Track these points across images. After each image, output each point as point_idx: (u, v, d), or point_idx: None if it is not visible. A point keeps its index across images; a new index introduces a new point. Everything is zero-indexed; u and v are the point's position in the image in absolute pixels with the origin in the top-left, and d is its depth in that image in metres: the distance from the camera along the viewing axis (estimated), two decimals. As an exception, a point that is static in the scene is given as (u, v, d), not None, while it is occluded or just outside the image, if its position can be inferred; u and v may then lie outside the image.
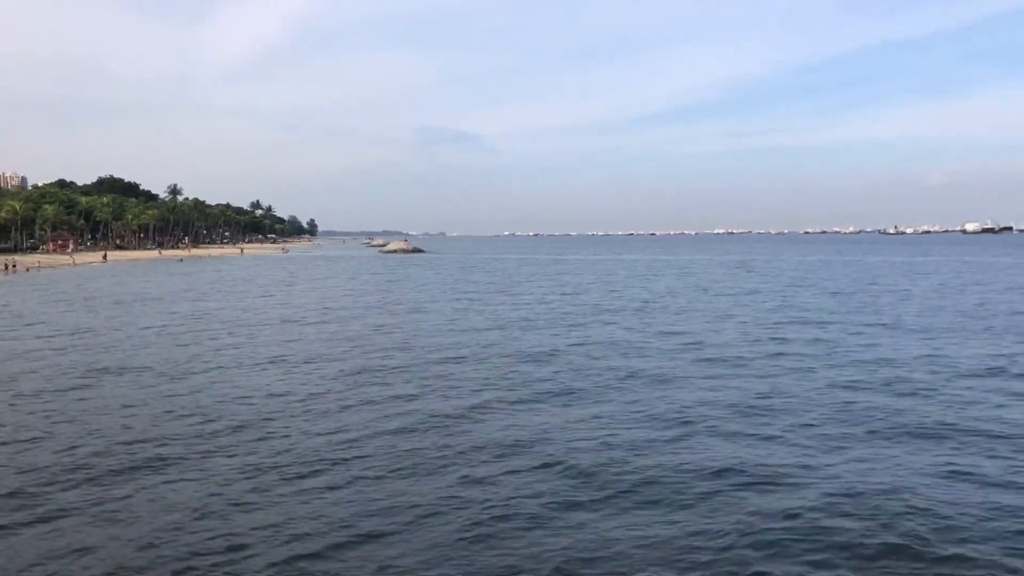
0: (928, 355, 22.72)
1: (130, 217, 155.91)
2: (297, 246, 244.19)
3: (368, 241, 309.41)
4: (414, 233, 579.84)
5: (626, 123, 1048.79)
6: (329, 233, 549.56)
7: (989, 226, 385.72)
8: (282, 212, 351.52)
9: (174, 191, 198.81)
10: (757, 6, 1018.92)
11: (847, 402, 16.52)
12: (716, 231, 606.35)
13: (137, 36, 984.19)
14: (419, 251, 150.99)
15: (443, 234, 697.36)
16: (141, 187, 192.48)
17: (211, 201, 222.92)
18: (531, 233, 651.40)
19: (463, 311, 37.96)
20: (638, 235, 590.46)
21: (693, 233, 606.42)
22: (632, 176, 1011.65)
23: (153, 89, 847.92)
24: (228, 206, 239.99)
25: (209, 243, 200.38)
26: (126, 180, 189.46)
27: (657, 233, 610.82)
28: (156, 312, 37.68)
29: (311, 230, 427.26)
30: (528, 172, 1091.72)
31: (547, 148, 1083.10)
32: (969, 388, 17.97)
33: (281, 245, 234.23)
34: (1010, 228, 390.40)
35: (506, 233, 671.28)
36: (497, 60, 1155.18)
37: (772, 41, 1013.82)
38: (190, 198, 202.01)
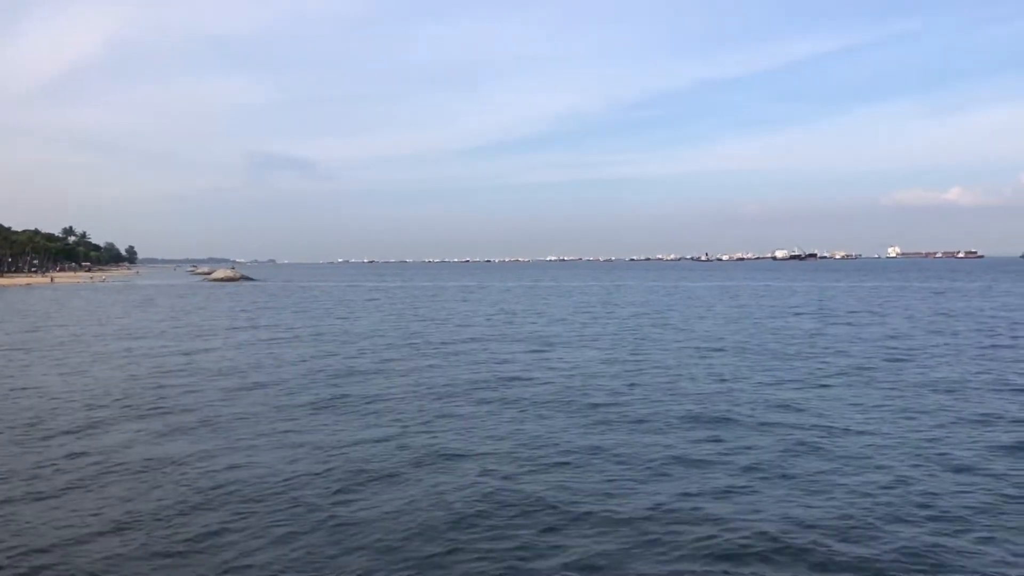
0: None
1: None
2: (115, 275, 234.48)
3: (192, 269, 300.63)
4: (242, 260, 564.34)
5: (462, 152, 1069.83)
6: (150, 261, 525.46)
7: (796, 253, 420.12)
8: (99, 239, 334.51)
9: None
10: (587, 44, 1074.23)
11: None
12: (549, 258, 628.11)
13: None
14: (247, 279, 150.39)
15: (273, 261, 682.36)
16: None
17: (18, 227, 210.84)
18: (366, 260, 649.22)
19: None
20: (474, 262, 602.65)
21: (527, 260, 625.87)
22: (468, 205, 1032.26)
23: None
24: (37, 232, 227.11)
25: (15, 272, 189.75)
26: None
27: (493, 260, 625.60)
28: None
29: (130, 258, 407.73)
30: (364, 199, 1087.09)
31: (383, 176, 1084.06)
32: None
33: (95, 274, 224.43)
34: (814, 255, 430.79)
35: (340, 260, 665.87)
36: (331, 87, 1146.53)
37: (603, 77, 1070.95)
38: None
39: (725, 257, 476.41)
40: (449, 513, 11.98)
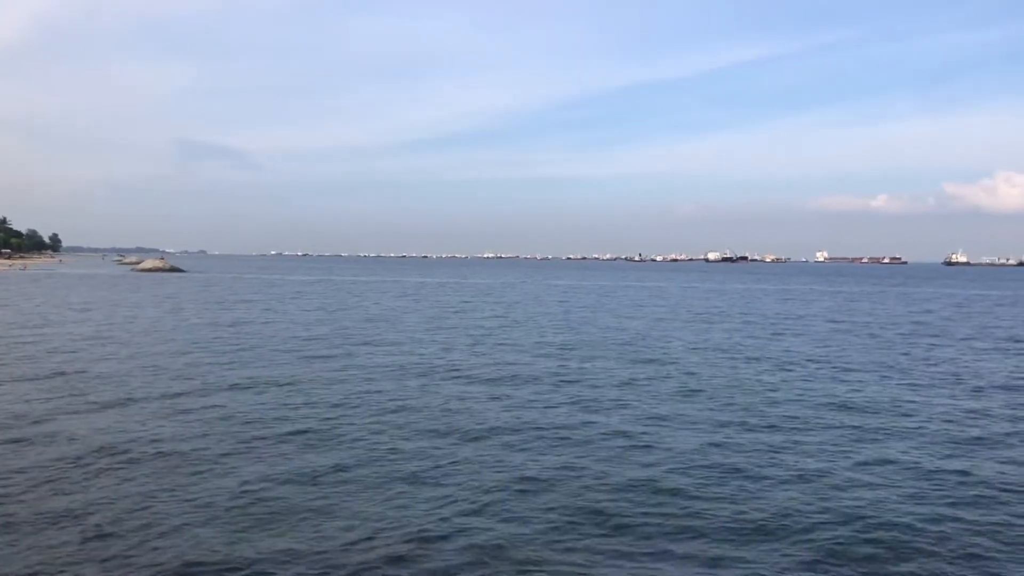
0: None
1: None
2: (37, 263, 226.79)
3: (120, 259, 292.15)
4: (172, 251, 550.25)
5: (400, 146, 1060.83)
6: (75, 249, 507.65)
7: (728, 255, 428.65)
8: (21, 226, 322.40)
9: None
10: (526, 42, 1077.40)
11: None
12: (486, 255, 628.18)
13: None
14: (177, 270, 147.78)
15: (204, 252, 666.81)
16: None
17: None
18: (299, 253, 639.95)
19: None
20: (411, 257, 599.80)
21: (464, 256, 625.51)
22: (406, 199, 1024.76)
23: None
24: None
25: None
26: None
27: (431, 256, 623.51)
28: None
29: (54, 245, 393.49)
30: (298, 191, 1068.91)
31: (318, 168, 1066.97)
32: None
33: (14, 261, 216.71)
34: (745, 257, 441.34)
35: (273, 252, 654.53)
36: (266, 76, 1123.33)
37: (543, 76, 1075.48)
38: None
39: (659, 258, 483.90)
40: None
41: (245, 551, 10.67)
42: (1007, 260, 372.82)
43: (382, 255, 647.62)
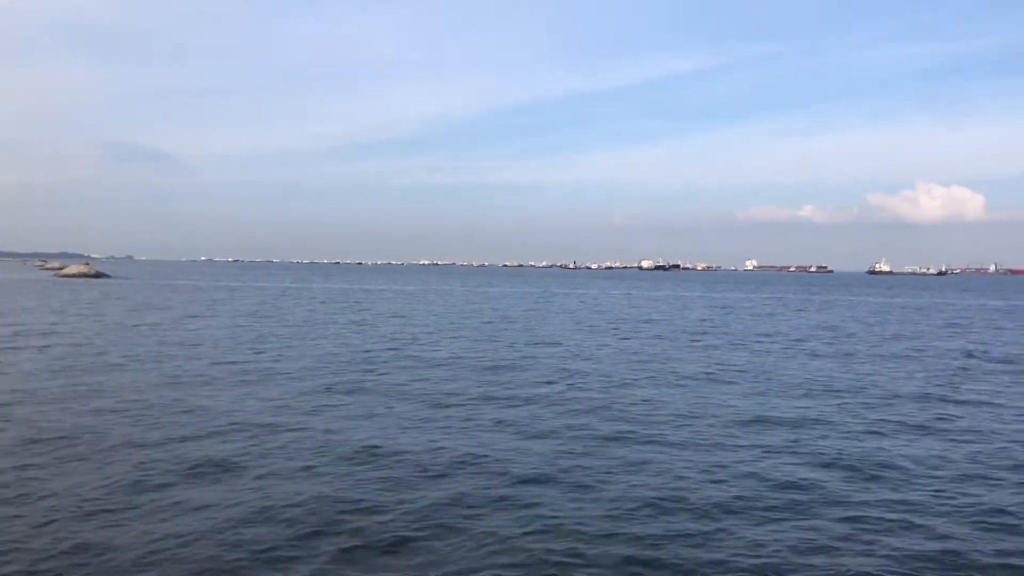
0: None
1: None
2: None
3: (42, 264, 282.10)
4: (97, 256, 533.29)
5: (335, 151, 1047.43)
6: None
7: (661, 263, 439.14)
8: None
9: None
10: (467, 49, 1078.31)
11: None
12: (422, 262, 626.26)
13: None
14: (103, 276, 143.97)
15: (131, 258, 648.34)
16: None
17: None
18: (230, 259, 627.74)
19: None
20: (345, 264, 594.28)
21: (400, 263, 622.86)
22: (341, 205, 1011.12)
23: None
24: None
25: None
26: None
27: (365, 263, 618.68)
28: None
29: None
30: (231, 196, 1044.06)
31: (250, 172, 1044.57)
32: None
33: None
34: (678, 265, 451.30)
35: (203, 258, 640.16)
36: (196, 79, 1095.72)
37: (482, 83, 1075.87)
38: None
39: (594, 265, 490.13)
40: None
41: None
42: (928, 269, 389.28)
43: (316, 261, 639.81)
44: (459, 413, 21.47)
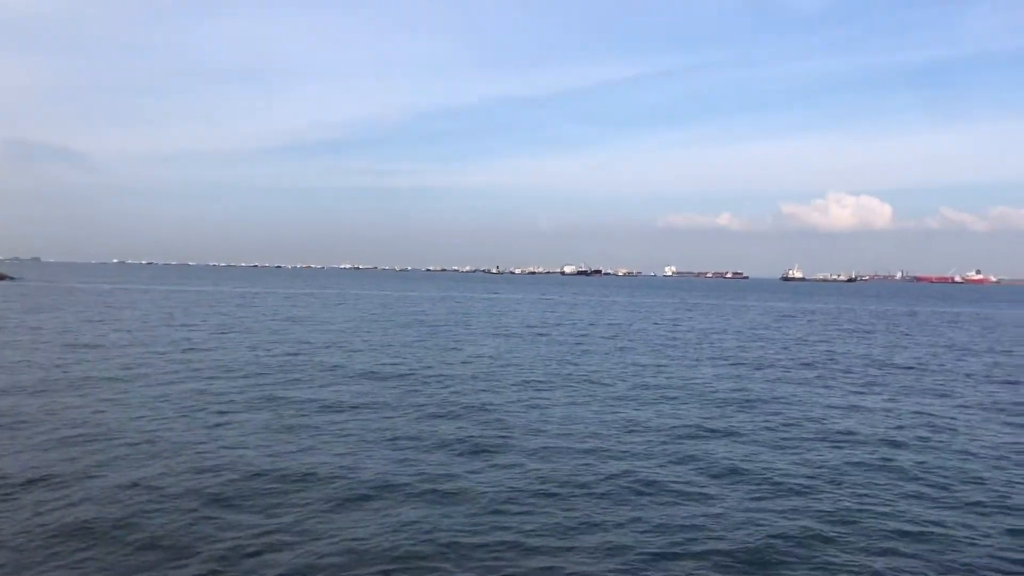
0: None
1: None
2: None
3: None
4: (0, 257, 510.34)
5: (255, 154, 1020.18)
6: None
7: (584, 269, 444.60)
8: None
9: None
10: (393, 52, 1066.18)
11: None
12: (343, 266, 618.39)
13: None
14: (6, 277, 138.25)
15: (38, 259, 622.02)
16: None
17: None
18: (144, 262, 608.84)
19: None
20: (263, 267, 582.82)
21: (320, 267, 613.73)
22: (260, 207, 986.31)
23: None
24: None
25: None
26: None
27: (284, 266, 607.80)
28: None
29: None
30: (146, 197, 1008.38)
31: (169, 173, 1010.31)
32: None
33: None
34: (599, 271, 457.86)
35: (115, 261, 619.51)
36: (110, 75, 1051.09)
37: (407, 87, 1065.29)
38: None
39: (518, 271, 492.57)
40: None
41: None
42: (838, 276, 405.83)
43: (233, 264, 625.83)
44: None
